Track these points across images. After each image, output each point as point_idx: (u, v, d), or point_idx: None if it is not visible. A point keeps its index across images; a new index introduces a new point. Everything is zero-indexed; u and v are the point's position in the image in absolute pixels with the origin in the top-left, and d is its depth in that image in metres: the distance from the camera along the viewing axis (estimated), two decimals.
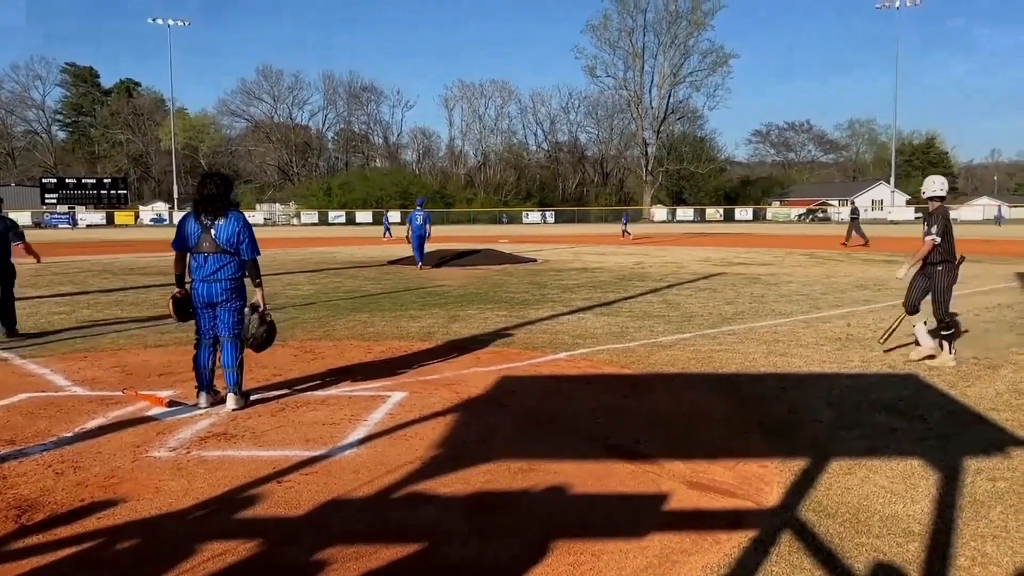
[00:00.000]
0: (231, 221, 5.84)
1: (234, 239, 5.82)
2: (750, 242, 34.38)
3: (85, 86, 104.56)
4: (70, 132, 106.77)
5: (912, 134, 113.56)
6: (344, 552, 3.44)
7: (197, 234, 5.80)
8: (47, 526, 3.75)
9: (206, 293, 5.84)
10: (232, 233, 5.81)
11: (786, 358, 7.78)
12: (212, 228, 5.79)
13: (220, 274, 5.83)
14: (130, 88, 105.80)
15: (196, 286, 5.85)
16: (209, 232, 5.78)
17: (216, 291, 5.84)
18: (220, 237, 5.79)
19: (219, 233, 5.79)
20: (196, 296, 5.87)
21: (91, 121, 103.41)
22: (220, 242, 5.79)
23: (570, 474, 4.45)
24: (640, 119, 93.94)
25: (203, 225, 5.79)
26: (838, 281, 15.88)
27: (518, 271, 18.97)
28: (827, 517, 3.83)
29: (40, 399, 6.23)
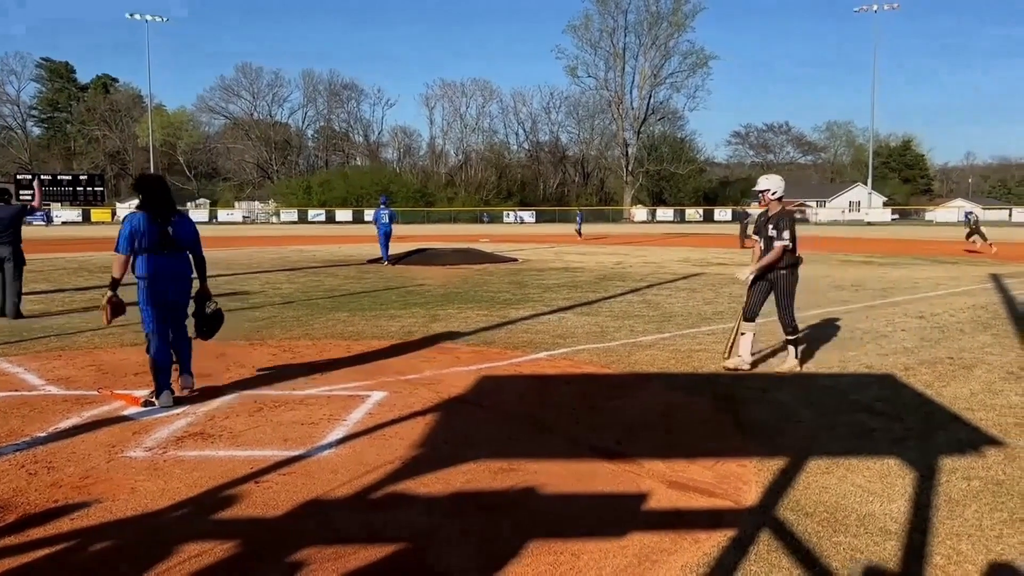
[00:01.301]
0: (185, 220, 6.07)
1: (191, 237, 6.03)
2: (729, 243, 34.57)
3: (61, 81, 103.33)
4: (45, 128, 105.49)
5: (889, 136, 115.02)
6: (323, 553, 3.42)
7: (155, 234, 5.82)
8: (20, 527, 3.69)
9: (171, 290, 5.93)
10: (189, 232, 6.02)
11: (765, 358, 7.81)
12: (170, 227, 5.90)
13: (181, 271, 5.98)
14: (107, 84, 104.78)
15: (158, 285, 5.86)
16: (167, 232, 5.87)
17: (180, 288, 5.98)
18: (180, 236, 5.94)
19: (177, 232, 5.93)
20: (156, 295, 5.87)
21: (67, 117, 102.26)
22: (181, 241, 5.95)
23: (550, 474, 4.44)
24: (621, 119, 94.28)
25: (158, 225, 5.84)
26: (816, 281, 15.99)
27: (499, 270, 18.97)
28: (805, 516, 3.85)
29: (13, 398, 6.14)
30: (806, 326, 9.84)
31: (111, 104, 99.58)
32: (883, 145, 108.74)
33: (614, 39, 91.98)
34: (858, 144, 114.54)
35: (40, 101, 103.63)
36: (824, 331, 9.49)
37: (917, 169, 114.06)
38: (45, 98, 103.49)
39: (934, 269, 19.47)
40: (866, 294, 13.73)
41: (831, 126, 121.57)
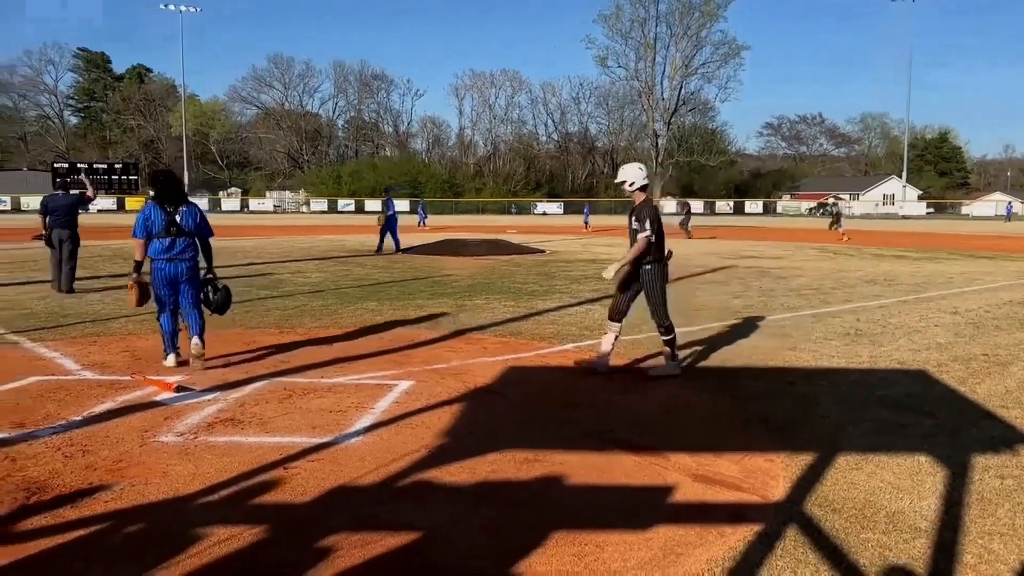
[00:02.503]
0: (192, 209, 6.84)
1: (196, 223, 6.80)
2: (760, 235, 34.24)
3: (97, 71, 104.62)
4: (82, 117, 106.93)
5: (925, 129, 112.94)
6: (349, 539, 3.45)
7: (163, 221, 6.65)
8: (55, 508, 3.77)
9: (173, 271, 6.72)
10: (194, 219, 6.79)
11: (794, 352, 7.75)
12: (177, 215, 6.71)
13: (185, 254, 6.76)
14: (142, 74, 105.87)
15: (161, 266, 6.70)
16: (174, 219, 6.69)
17: (181, 269, 6.75)
18: (185, 222, 6.74)
19: (184, 219, 6.74)
20: (161, 274, 6.70)
21: (103, 107, 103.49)
22: (186, 226, 6.73)
23: (575, 465, 4.45)
24: (651, 110, 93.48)
25: (167, 212, 6.67)
26: (848, 276, 15.82)
27: (526, 262, 18.96)
28: (833, 512, 3.82)
29: (50, 383, 6.26)
30: (837, 320, 9.74)
31: (145, 94, 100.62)
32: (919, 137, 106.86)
33: (645, 29, 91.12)
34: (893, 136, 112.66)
35: (77, 91, 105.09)
36: (855, 326, 9.37)
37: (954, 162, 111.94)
38: (82, 88, 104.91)
39: (969, 264, 19.15)
40: (899, 289, 13.54)
41: (865, 118, 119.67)
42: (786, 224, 52.76)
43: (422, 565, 3.28)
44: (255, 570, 3.21)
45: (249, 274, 15.17)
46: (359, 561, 3.27)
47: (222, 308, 7.16)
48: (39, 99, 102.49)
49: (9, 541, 3.40)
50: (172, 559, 3.26)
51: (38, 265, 16.72)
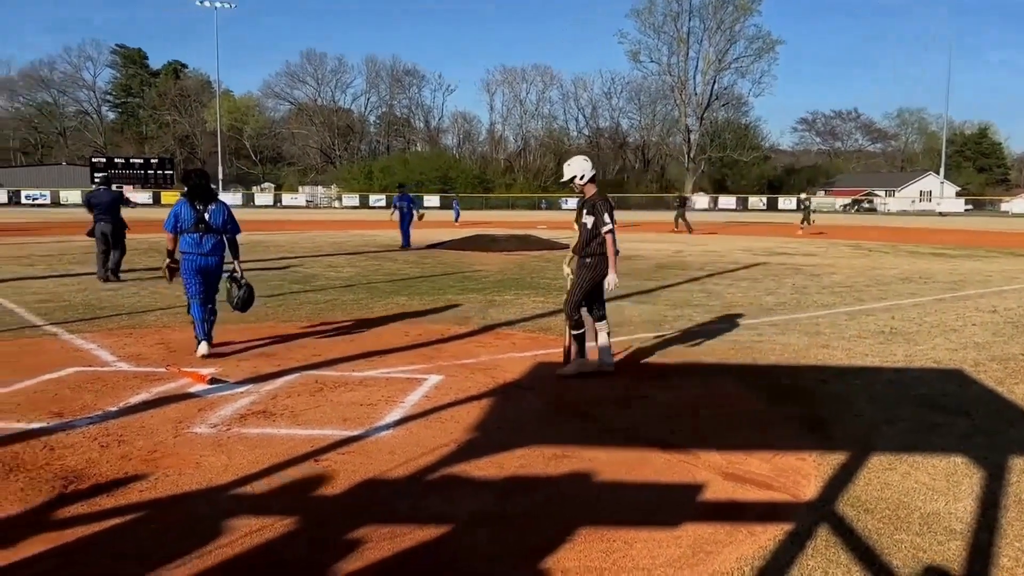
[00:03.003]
0: (220, 207, 7.21)
1: (224, 221, 7.16)
2: (793, 232, 33.86)
3: (134, 67, 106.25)
4: (119, 113, 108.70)
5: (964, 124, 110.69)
6: (379, 532, 3.48)
7: (192, 218, 7.05)
8: (91, 496, 3.85)
9: (203, 264, 7.10)
10: (223, 217, 7.17)
11: (827, 350, 7.66)
12: (206, 213, 7.09)
13: (214, 249, 7.15)
14: (177, 70, 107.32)
15: (192, 259, 7.07)
16: (203, 216, 7.07)
17: (211, 263, 7.15)
18: (214, 220, 7.11)
19: (212, 217, 7.12)
20: (191, 266, 7.07)
21: (139, 102, 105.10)
22: (215, 224, 7.10)
23: (604, 461, 4.44)
24: (683, 105, 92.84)
25: (197, 210, 7.06)
26: (883, 273, 15.59)
27: (556, 257, 18.91)
28: (865, 512, 3.77)
29: (87, 373, 6.38)
30: (872, 318, 9.61)
31: (181, 89, 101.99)
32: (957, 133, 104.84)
33: (678, 23, 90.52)
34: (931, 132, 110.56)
35: (114, 87, 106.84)
36: (889, 324, 9.24)
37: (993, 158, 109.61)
38: (119, 84, 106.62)
39: (1009, 262, 18.77)
40: (935, 287, 13.31)
41: (902, 113, 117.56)
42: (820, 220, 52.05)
43: (450, 558, 3.30)
44: (286, 560, 3.25)
45: (282, 267, 15.31)
46: (388, 553, 3.29)
47: (244, 306, 7.50)
48: (78, 95, 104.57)
49: (47, 528, 3.48)
50: (204, 548, 3.31)
51: (76, 258, 17.05)
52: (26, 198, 68.95)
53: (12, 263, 15.95)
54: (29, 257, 17.38)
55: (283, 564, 3.22)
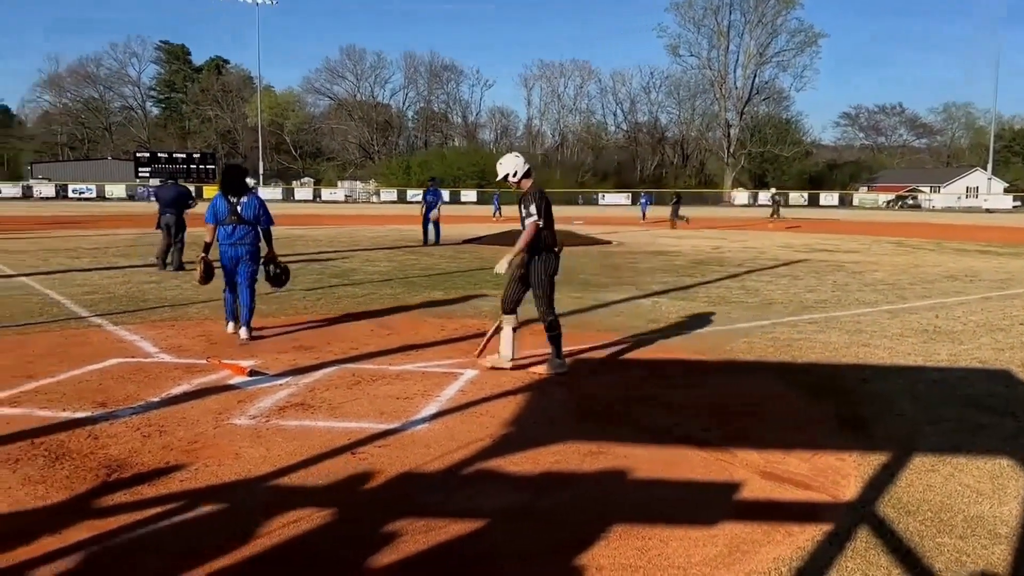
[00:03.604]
0: (252, 200, 7.72)
1: (255, 213, 7.67)
2: (835, 228, 33.36)
3: (178, 63, 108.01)
4: (163, 108, 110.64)
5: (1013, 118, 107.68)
6: (414, 525, 3.50)
7: (226, 210, 7.60)
8: (133, 485, 3.92)
9: (233, 254, 7.65)
10: (254, 209, 7.67)
11: (869, 349, 7.53)
12: (238, 205, 7.62)
13: (244, 240, 7.66)
14: (219, 65, 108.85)
15: (224, 249, 7.66)
16: (236, 208, 7.60)
17: (241, 252, 7.66)
18: (245, 212, 7.63)
19: (244, 209, 7.64)
20: (224, 255, 7.66)
21: (182, 97, 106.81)
22: (245, 216, 7.62)
23: (639, 459, 4.41)
24: (723, 100, 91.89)
25: (231, 203, 7.61)
26: (927, 271, 15.29)
27: (592, 253, 18.85)
28: (907, 514, 3.70)
29: (130, 364, 6.51)
30: (915, 317, 9.42)
31: (223, 85, 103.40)
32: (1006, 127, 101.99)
33: (718, 17, 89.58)
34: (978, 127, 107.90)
35: (158, 82, 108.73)
36: (933, 323, 9.05)
37: None
38: (163, 79, 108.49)
39: None
40: (982, 285, 13.02)
41: (949, 107, 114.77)
42: (863, 217, 51.22)
43: (485, 552, 3.31)
44: (322, 552, 3.28)
45: (321, 261, 15.47)
46: (424, 547, 3.31)
47: (278, 281, 8.10)
48: (123, 90, 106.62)
49: (91, 516, 3.55)
50: (242, 539, 3.35)
51: (121, 251, 17.41)
52: (73, 192, 70.42)
53: (60, 255, 16.33)
54: (76, 250, 17.78)
55: (319, 555, 3.26)
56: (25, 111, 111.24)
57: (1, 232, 23.34)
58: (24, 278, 12.28)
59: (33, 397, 5.47)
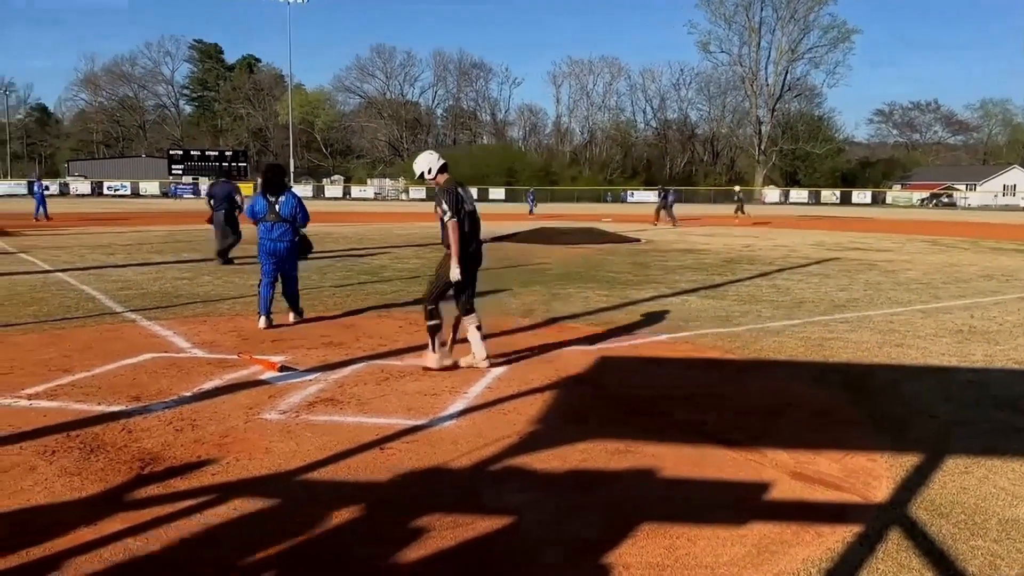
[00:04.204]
0: (289, 198, 8.14)
1: (292, 211, 8.08)
2: (867, 227, 32.93)
3: (210, 62, 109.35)
4: (196, 106, 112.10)
5: None
6: (442, 520, 3.52)
7: (265, 208, 8.04)
8: (166, 479, 3.99)
9: (272, 249, 8.08)
10: (291, 207, 8.09)
11: (902, 349, 7.43)
12: (276, 204, 8.05)
13: (282, 236, 8.09)
14: (251, 64, 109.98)
15: (264, 245, 8.09)
16: (274, 207, 8.03)
17: (279, 248, 8.09)
18: (283, 210, 8.06)
19: (282, 207, 8.07)
20: (263, 251, 8.09)
21: (215, 96, 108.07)
22: (283, 214, 8.06)
23: (667, 458, 4.39)
24: (754, 96, 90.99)
25: (269, 202, 8.04)
26: (962, 270, 15.04)
27: (621, 251, 18.79)
28: (939, 517, 3.65)
29: (163, 359, 6.60)
30: (949, 317, 9.28)
31: (255, 83, 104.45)
32: None
33: (750, 13, 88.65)
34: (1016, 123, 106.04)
35: (191, 81, 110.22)
36: (968, 323, 8.90)
37: None
38: (196, 78, 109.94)
39: None
40: (1018, 284, 12.78)
41: (985, 104, 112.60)
42: (896, 215, 50.50)
43: (512, 549, 3.31)
44: (351, 546, 3.31)
45: (350, 258, 15.57)
46: (451, 543, 3.33)
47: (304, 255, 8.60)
48: (157, 89, 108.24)
49: (125, 508, 3.61)
50: (272, 532, 3.39)
51: (154, 247, 17.66)
52: (108, 189, 71.61)
53: (95, 252, 16.60)
54: (110, 246, 18.06)
55: (348, 549, 3.29)
56: (62, 110, 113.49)
57: (39, 229, 23.79)
58: (61, 274, 12.50)
59: (69, 391, 5.57)
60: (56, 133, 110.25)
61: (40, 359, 6.51)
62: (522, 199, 46.25)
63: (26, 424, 4.79)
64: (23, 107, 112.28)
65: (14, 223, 26.20)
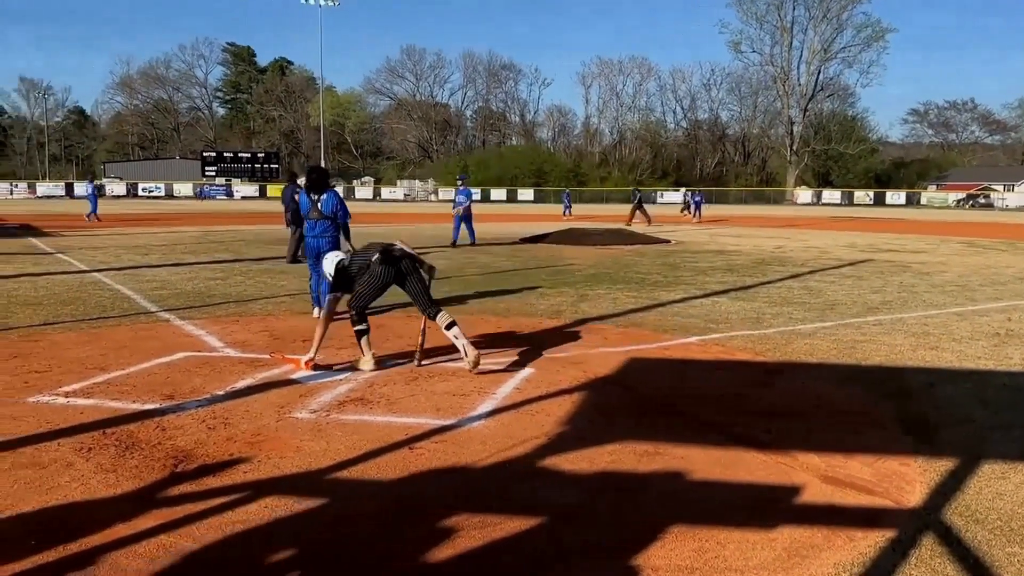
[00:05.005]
0: (331, 196, 8.51)
1: (333, 208, 8.45)
2: (901, 228, 32.47)
3: (243, 65, 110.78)
4: (228, 108, 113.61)
5: None
6: (470, 520, 3.53)
7: (307, 205, 8.51)
8: (199, 476, 4.04)
9: (316, 245, 8.50)
10: (332, 205, 8.46)
11: (936, 352, 7.32)
12: (319, 202, 8.43)
13: (325, 233, 8.47)
14: (283, 67, 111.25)
15: (309, 241, 8.61)
16: (316, 205, 8.42)
17: (323, 244, 8.43)
18: (325, 208, 8.44)
19: (323, 205, 8.44)
20: (309, 247, 8.66)
21: (247, 98, 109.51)
22: (324, 211, 8.43)
23: (697, 460, 4.37)
24: (786, 96, 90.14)
25: (312, 199, 8.45)
26: (999, 272, 14.77)
27: (650, 252, 18.70)
28: (975, 523, 3.59)
29: (196, 358, 6.70)
30: (985, 319, 9.12)
31: (286, 86, 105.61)
32: None
33: (781, 12, 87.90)
34: None
35: (224, 83, 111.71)
36: (1005, 326, 8.74)
37: None
38: (229, 80, 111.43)
39: None
40: None
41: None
42: (931, 216, 49.72)
43: (539, 550, 3.32)
44: (380, 545, 3.33)
45: None
46: (479, 543, 3.34)
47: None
48: (191, 92, 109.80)
49: (159, 505, 3.67)
50: (302, 531, 3.43)
51: (188, 248, 17.91)
52: (142, 190, 72.73)
53: (130, 252, 16.88)
54: (145, 247, 18.35)
55: (377, 548, 3.31)
56: (99, 112, 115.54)
57: (76, 229, 24.23)
58: (97, 274, 12.73)
59: (105, 388, 5.67)
60: (93, 135, 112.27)
61: (77, 357, 6.63)
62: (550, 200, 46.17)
63: (63, 421, 4.89)
64: (61, 110, 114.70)
65: (51, 223, 26.72)
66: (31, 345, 7.13)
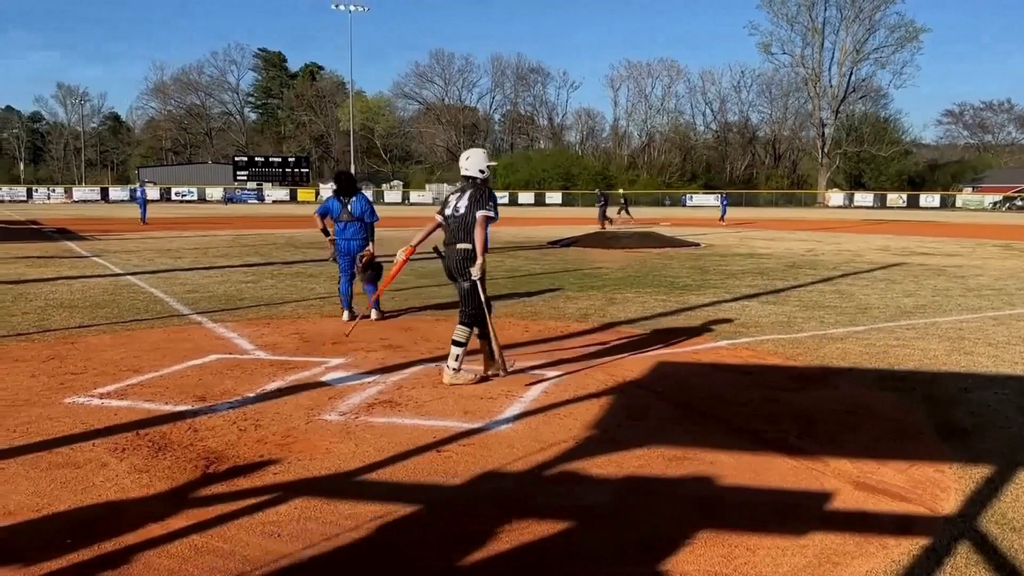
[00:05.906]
0: (360, 199, 8.89)
1: (362, 210, 8.78)
2: (935, 231, 31.98)
3: (274, 70, 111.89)
4: (260, 113, 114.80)
5: None
6: (498, 523, 3.53)
7: (338, 208, 8.78)
8: (230, 477, 4.09)
9: (347, 248, 8.83)
10: (361, 207, 8.81)
11: (971, 357, 7.19)
12: (348, 204, 8.76)
13: (356, 236, 8.82)
14: (314, 72, 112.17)
15: (339, 244, 8.89)
16: (347, 207, 8.75)
17: (354, 247, 8.82)
18: (354, 209, 8.77)
19: (353, 207, 8.78)
20: (340, 249, 8.89)
21: (278, 103, 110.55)
22: (354, 213, 8.76)
23: (726, 465, 4.34)
24: (817, 98, 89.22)
25: (342, 203, 8.77)
26: None
27: (679, 255, 18.60)
28: (1012, 531, 3.53)
29: (228, 360, 6.78)
30: (1022, 324, 8.95)
31: (317, 91, 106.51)
32: None
33: (813, 13, 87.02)
34: None
35: (256, 88, 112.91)
36: None
37: None
38: (260, 86, 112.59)
39: None
40: None
41: None
42: (966, 219, 48.91)
43: (568, 553, 3.31)
44: (408, 547, 3.35)
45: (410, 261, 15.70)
46: (507, 546, 3.34)
47: (374, 279, 8.82)
48: (223, 97, 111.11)
49: (190, 505, 3.72)
50: (332, 532, 3.45)
51: (220, 251, 18.13)
52: (175, 195, 73.77)
53: (163, 255, 17.13)
54: (178, 250, 18.61)
55: (404, 549, 3.32)
56: (133, 118, 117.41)
57: (111, 232, 24.63)
58: (131, 277, 12.93)
59: (139, 390, 5.76)
60: (127, 140, 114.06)
61: (111, 359, 6.74)
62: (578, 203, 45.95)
63: (98, 422, 4.97)
64: (97, 116, 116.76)
65: (86, 227, 27.19)
66: (68, 347, 7.26)
